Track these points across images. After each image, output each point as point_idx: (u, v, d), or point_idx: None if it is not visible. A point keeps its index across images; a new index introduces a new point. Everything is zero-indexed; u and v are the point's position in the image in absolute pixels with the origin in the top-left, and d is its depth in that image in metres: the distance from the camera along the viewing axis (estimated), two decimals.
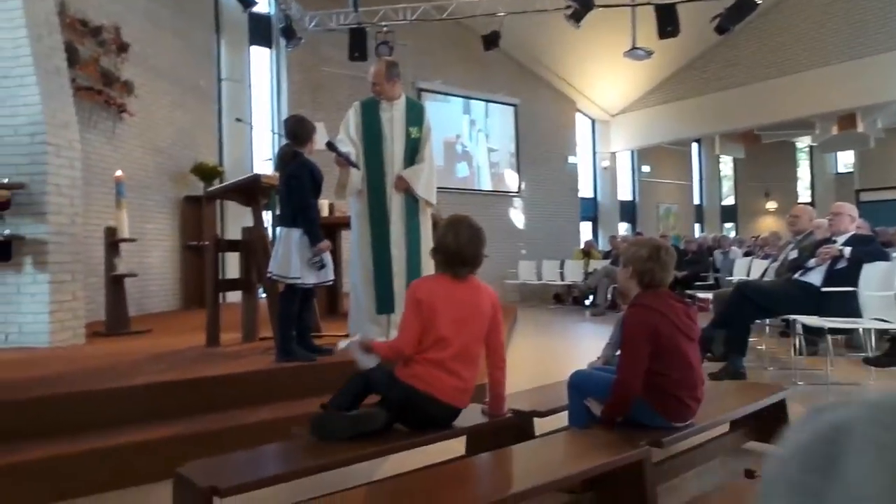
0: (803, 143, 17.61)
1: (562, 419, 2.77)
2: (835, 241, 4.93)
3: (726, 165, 19.74)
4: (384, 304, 4.32)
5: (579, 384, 2.63)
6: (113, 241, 5.54)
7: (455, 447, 2.83)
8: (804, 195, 18.88)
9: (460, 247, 2.54)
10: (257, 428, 3.10)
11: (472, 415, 2.64)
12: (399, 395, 2.43)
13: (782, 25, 13.28)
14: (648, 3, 9.47)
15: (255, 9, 9.89)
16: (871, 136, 14.31)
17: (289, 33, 9.93)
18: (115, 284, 5.54)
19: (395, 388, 2.45)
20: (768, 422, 3.08)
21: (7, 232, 4.64)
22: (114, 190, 5.66)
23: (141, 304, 7.43)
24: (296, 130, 3.92)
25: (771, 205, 18.89)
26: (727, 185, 19.96)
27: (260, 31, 10.90)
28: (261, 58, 11.06)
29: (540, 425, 2.84)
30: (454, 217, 2.67)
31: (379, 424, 2.40)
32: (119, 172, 5.69)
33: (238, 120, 7.74)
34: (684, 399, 2.44)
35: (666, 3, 9.14)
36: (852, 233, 4.97)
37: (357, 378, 2.59)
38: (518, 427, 2.72)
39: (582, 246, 13.68)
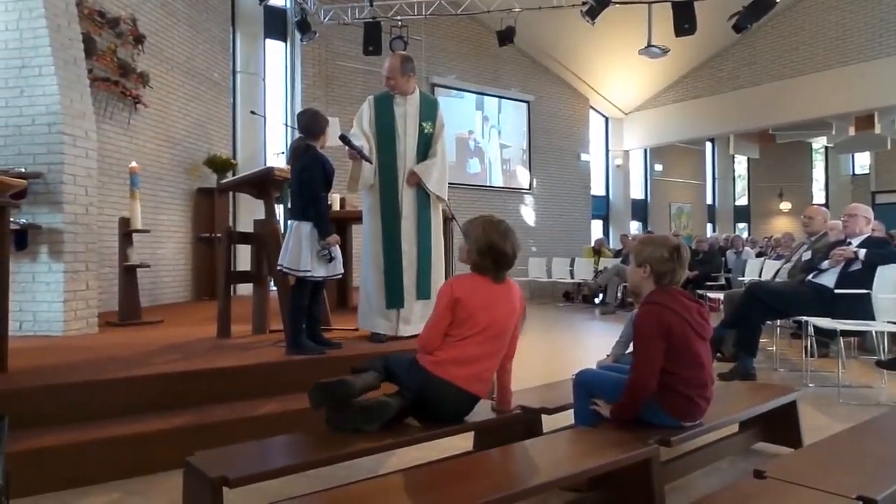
0: (819, 143, 17.43)
1: (570, 416, 2.77)
2: (849, 243, 4.88)
3: (740, 165, 19.60)
4: (394, 298, 4.33)
5: (585, 383, 2.62)
6: (126, 232, 5.59)
7: (463, 443, 2.84)
8: (819, 196, 18.70)
9: (507, 248, 2.56)
10: (267, 419, 3.12)
11: (480, 410, 2.65)
12: (418, 381, 2.45)
13: (800, 24, 13.15)
14: (666, 0, 9.40)
15: (271, 2, 9.92)
16: (888, 137, 14.15)
17: (303, 27, 9.95)
18: (128, 275, 5.59)
19: (416, 374, 2.47)
20: (778, 423, 3.07)
21: (23, 221, 4.69)
22: (128, 181, 5.70)
23: (153, 294, 7.50)
24: (309, 124, 3.93)
25: (785, 205, 18.73)
26: (741, 185, 19.82)
27: (275, 24, 10.92)
28: (275, 51, 11.09)
29: (548, 422, 2.84)
30: (488, 218, 2.63)
31: (391, 414, 2.41)
32: (133, 163, 5.73)
33: (252, 112, 7.77)
34: (694, 398, 2.43)
35: (683, 0, 9.07)
36: (867, 235, 4.92)
37: (378, 360, 2.62)
38: (526, 424, 2.73)
39: (593, 244, 13.64)
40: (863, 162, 18.10)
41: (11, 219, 3.96)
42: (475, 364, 2.51)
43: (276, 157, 10.20)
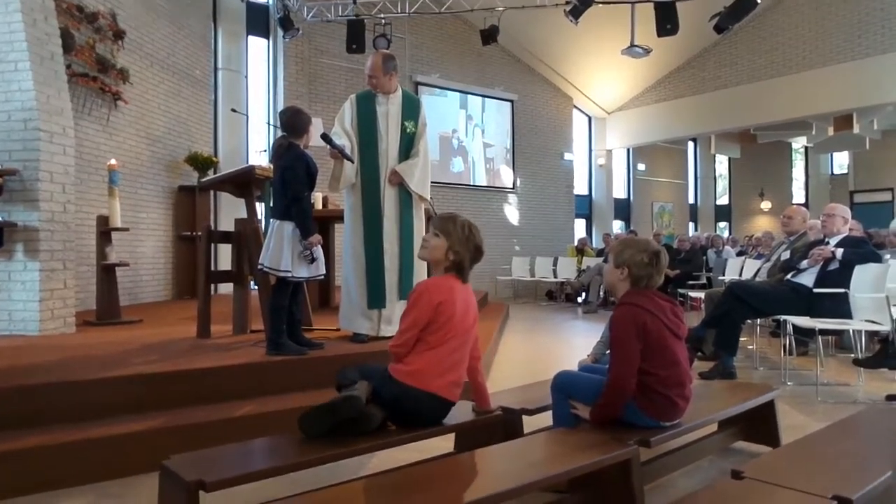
0: (799, 143, 17.65)
1: (551, 417, 2.77)
2: (827, 243, 4.94)
3: (722, 165, 19.78)
4: (376, 298, 4.31)
5: (564, 386, 2.62)
6: (105, 230, 5.52)
7: (444, 444, 2.83)
8: (799, 196, 18.93)
9: (479, 247, 2.56)
10: (245, 421, 3.09)
11: (460, 412, 2.64)
12: (393, 393, 2.42)
13: (780, 26, 13.29)
14: (648, 1, 9.45)
15: None
16: (866, 137, 14.36)
17: (286, 24, 9.88)
18: (107, 273, 5.51)
19: (390, 386, 2.43)
20: (757, 422, 3.09)
21: None
22: (107, 178, 5.63)
23: (133, 293, 7.41)
24: (292, 122, 3.89)
25: (765, 205, 18.94)
26: (722, 185, 20.00)
27: (257, 20, 10.83)
28: (258, 48, 11.00)
29: (529, 423, 2.84)
30: (460, 217, 2.58)
31: (375, 424, 2.38)
32: (112, 161, 5.66)
33: (234, 110, 7.69)
34: (672, 398, 2.44)
35: (665, 0, 9.13)
36: (845, 234, 4.99)
37: (352, 372, 2.57)
38: (507, 424, 2.72)
39: (576, 243, 13.70)
40: (841, 162, 18.35)
41: None
42: (454, 371, 2.49)
43: (259, 155, 10.11)
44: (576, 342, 7.00)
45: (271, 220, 3.89)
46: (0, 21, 4.72)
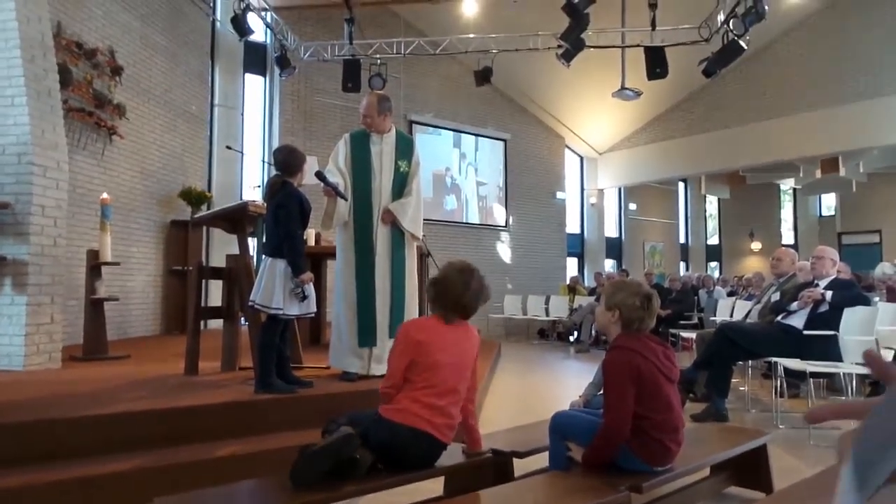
0: (787, 185, 17.90)
1: (541, 460, 2.74)
2: (816, 285, 4.98)
3: (712, 205, 20.00)
4: (366, 336, 4.28)
5: (561, 427, 2.60)
6: (95, 265, 5.48)
7: (433, 487, 2.78)
8: (787, 236, 19.11)
9: (466, 297, 2.59)
10: (233, 461, 3.03)
11: (450, 454, 2.60)
12: (384, 436, 2.38)
13: (768, 71, 13.62)
14: (638, 46, 9.67)
15: (251, 37, 9.99)
16: (853, 180, 14.59)
17: (283, 62, 10.03)
18: (95, 308, 5.46)
19: (380, 427, 2.40)
20: (749, 467, 3.06)
21: None
22: (99, 212, 5.62)
23: (121, 328, 7.34)
24: (287, 161, 3.92)
25: (755, 245, 19.10)
26: (712, 225, 20.19)
27: (254, 59, 11.00)
28: (254, 85, 11.14)
29: (519, 465, 2.80)
30: (466, 265, 2.69)
31: (365, 468, 2.34)
32: (105, 195, 5.66)
33: (228, 147, 7.75)
34: (665, 442, 2.42)
35: (655, 45, 9.34)
36: (833, 276, 5.03)
37: (341, 419, 2.52)
38: (497, 467, 2.69)
39: (568, 282, 13.72)
40: (829, 203, 18.60)
41: None
42: (446, 413, 2.47)
43: (253, 191, 10.16)
44: (568, 382, 6.96)
45: (263, 256, 3.88)
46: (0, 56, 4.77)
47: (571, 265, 16.03)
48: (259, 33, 10.78)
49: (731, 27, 8.51)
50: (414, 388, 2.46)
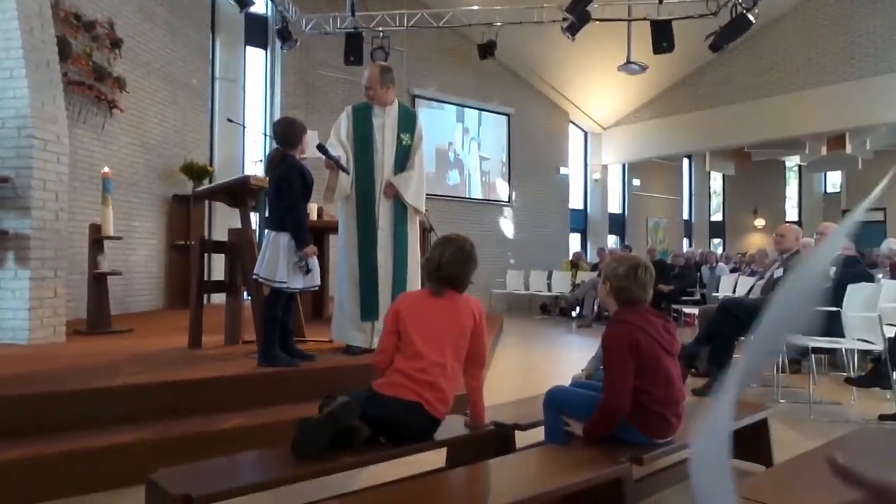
0: (792, 162, 17.77)
1: (543, 433, 2.75)
2: None
3: (716, 182, 19.89)
4: (369, 310, 4.29)
5: (557, 402, 2.60)
6: (97, 239, 5.48)
7: (435, 459, 2.80)
8: (792, 214, 19.03)
9: (441, 265, 2.58)
10: (235, 434, 3.06)
11: (452, 427, 2.62)
12: (377, 410, 2.39)
13: (775, 46, 13.42)
14: (645, 19, 9.54)
15: (252, 9, 9.87)
16: (859, 157, 14.47)
17: (284, 35, 9.92)
18: (98, 282, 5.47)
19: (374, 403, 2.41)
20: (750, 440, 3.08)
21: None
22: (100, 186, 5.60)
23: (124, 302, 7.36)
24: (286, 133, 3.89)
25: (759, 222, 19.03)
26: (716, 202, 20.10)
27: (255, 31, 10.87)
28: (255, 58, 11.03)
29: (521, 438, 2.82)
30: (449, 235, 2.70)
31: (363, 438, 2.36)
32: (106, 169, 5.64)
33: (230, 120, 7.69)
34: (665, 415, 2.43)
35: (662, 19, 9.21)
36: (838, 253, 5.00)
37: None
38: (499, 439, 2.70)
39: (570, 257, 13.70)
40: (834, 181, 18.49)
41: None
42: (436, 387, 2.44)
43: (255, 165, 10.12)
44: (570, 357, 6.98)
45: (266, 230, 3.87)
46: None
47: (574, 241, 16.01)
48: (260, 5, 10.65)
49: (740, 0, 8.38)
50: (402, 358, 2.47)
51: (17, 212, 4.69)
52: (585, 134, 16.45)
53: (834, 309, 4.52)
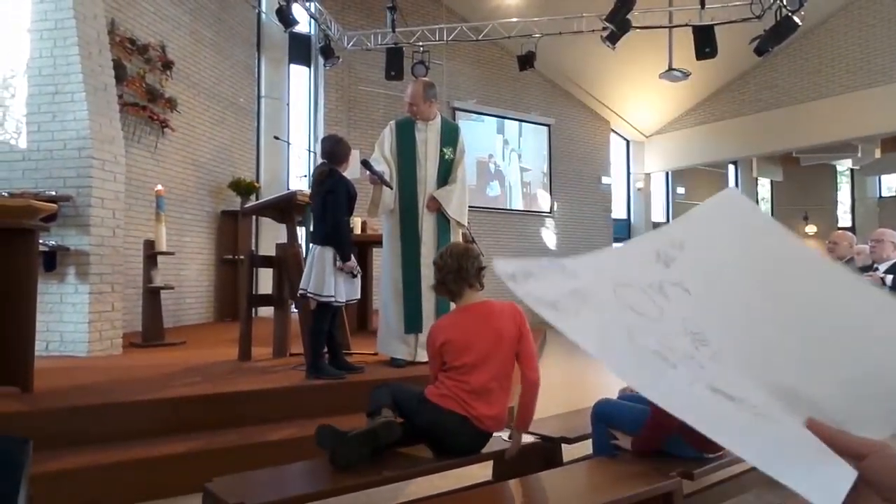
0: (844, 165, 17.21)
1: (590, 446, 2.73)
2: (876, 269, 4.79)
3: (764, 188, 19.38)
4: (412, 323, 4.33)
5: (605, 415, 2.58)
6: (151, 254, 5.67)
7: (481, 471, 2.81)
8: (844, 219, 18.40)
9: (442, 265, 2.64)
10: (285, 444, 3.12)
11: (499, 440, 2.62)
12: (428, 418, 2.42)
13: (823, 47, 13.06)
14: (686, 25, 9.41)
15: (296, 28, 10.10)
16: None
17: (327, 52, 10.12)
18: (152, 296, 5.66)
19: (425, 410, 2.44)
20: None
21: (52, 243, 4.79)
22: (154, 203, 5.81)
23: (176, 315, 7.58)
24: (334, 149, 3.97)
25: (810, 228, 18.45)
26: (764, 208, 19.59)
27: (299, 50, 11.13)
28: (299, 76, 11.28)
29: (568, 451, 2.80)
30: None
31: (396, 436, 2.37)
32: (159, 187, 5.84)
33: (276, 138, 7.89)
34: None
35: (704, 24, 9.07)
36: (894, 260, 4.83)
37: (382, 391, 2.57)
38: (546, 453, 2.69)
39: None
40: (890, 184, 17.82)
41: (41, 241, 4.05)
42: (487, 401, 2.46)
43: (299, 181, 10.32)
44: None
45: (312, 245, 3.95)
46: (58, 54, 4.96)
47: None
48: (303, 24, 10.90)
49: (785, 3, 8.20)
50: (451, 373, 2.51)
51: (78, 229, 4.90)
52: (627, 142, 16.27)
53: None
